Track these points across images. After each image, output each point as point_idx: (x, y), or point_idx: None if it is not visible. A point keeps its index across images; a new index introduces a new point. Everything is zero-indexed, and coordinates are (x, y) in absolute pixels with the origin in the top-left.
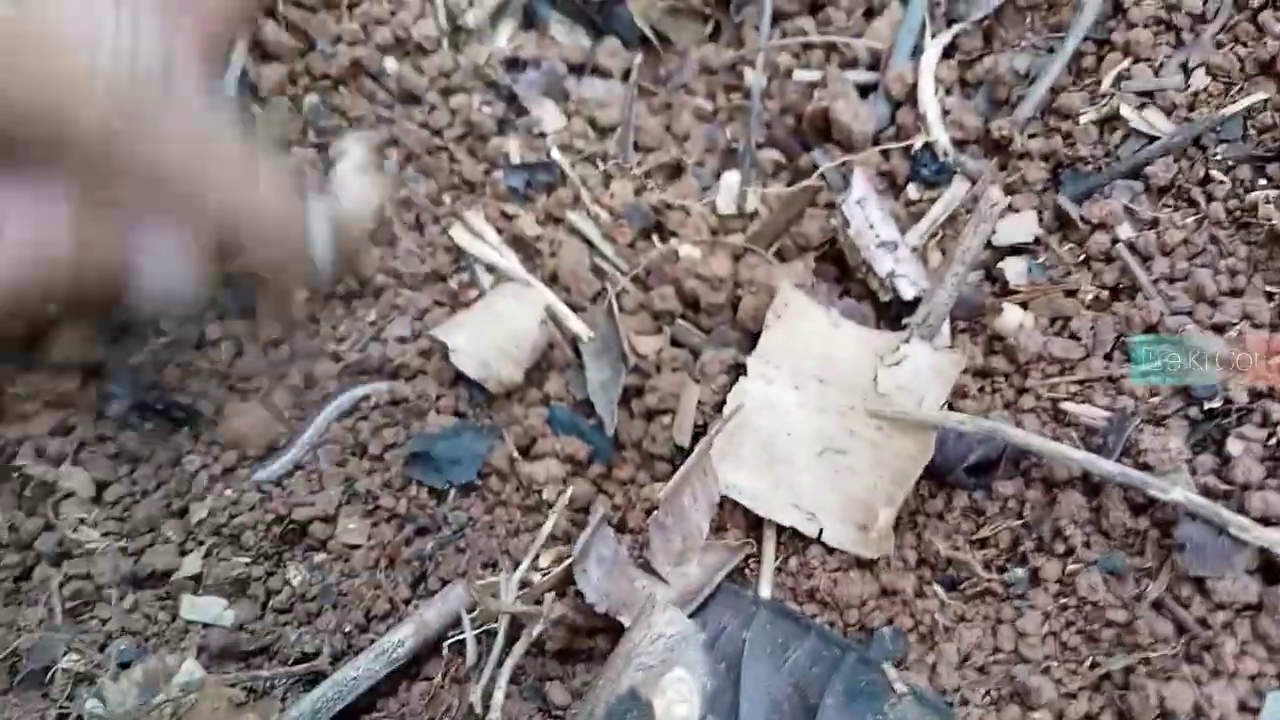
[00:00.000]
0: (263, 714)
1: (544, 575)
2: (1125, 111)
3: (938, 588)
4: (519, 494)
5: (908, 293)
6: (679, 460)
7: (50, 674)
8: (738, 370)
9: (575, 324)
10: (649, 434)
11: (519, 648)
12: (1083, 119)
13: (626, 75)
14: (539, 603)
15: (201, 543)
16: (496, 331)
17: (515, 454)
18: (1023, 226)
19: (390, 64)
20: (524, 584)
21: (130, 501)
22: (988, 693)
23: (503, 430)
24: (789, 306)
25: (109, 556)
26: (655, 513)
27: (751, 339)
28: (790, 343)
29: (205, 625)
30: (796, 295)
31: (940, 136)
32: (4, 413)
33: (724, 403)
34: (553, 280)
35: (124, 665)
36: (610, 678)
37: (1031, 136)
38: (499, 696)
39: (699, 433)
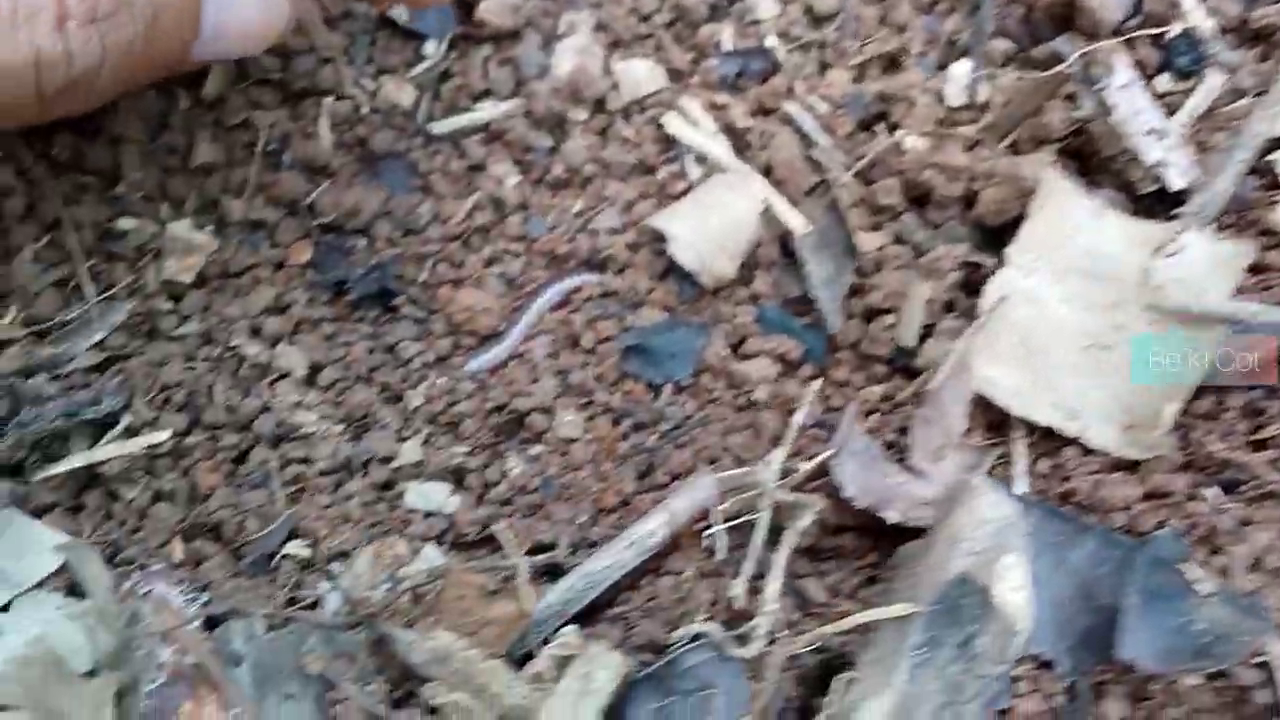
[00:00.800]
0: (519, 602)
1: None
2: None
3: (1212, 491)
4: (731, 393)
5: (1176, 183)
6: (901, 361)
7: (275, 559)
8: (970, 267)
9: (792, 217)
10: (868, 335)
11: (789, 537)
12: None
13: None
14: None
15: (418, 431)
16: (713, 222)
17: (726, 352)
18: None
19: None
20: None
21: (344, 386)
22: None
23: (712, 328)
24: (1052, 196)
25: (327, 441)
26: (919, 406)
27: (986, 235)
28: (1051, 234)
29: (428, 514)
30: (1061, 184)
31: (1201, 23)
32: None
33: (953, 303)
34: (766, 173)
35: (345, 554)
36: (933, 564)
37: None
38: (774, 587)
39: (925, 333)
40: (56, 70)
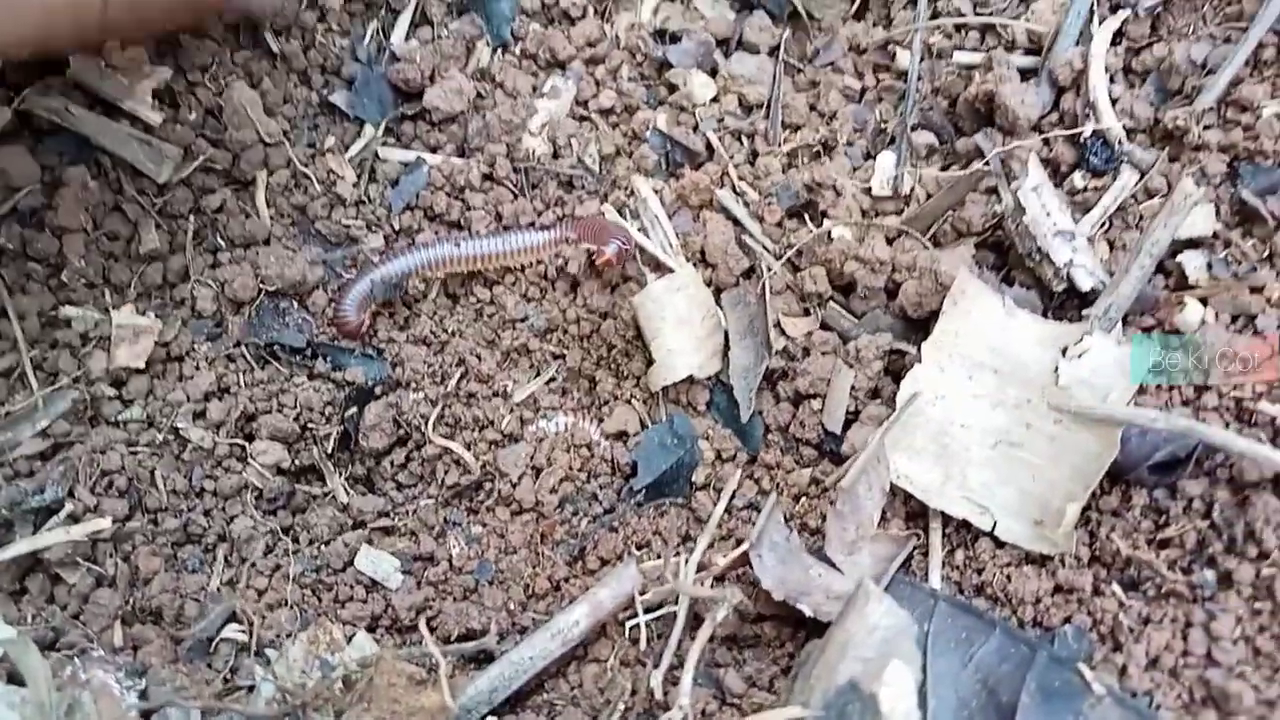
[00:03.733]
0: (443, 693)
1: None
2: None
3: (1116, 587)
4: None
5: (1085, 284)
6: (828, 446)
7: (214, 644)
8: (893, 355)
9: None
10: (797, 419)
11: (704, 632)
12: (1265, 111)
13: (774, 51)
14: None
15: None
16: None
17: None
18: (1200, 220)
19: (534, 28)
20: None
21: (284, 463)
22: (1179, 696)
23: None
24: (965, 293)
25: (265, 523)
26: (834, 500)
27: (910, 325)
28: (964, 331)
29: (369, 590)
30: (973, 282)
31: (1113, 124)
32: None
33: (878, 389)
34: (700, 257)
35: (284, 637)
36: (826, 668)
37: (1207, 128)
38: (686, 681)
39: (850, 419)
40: None
